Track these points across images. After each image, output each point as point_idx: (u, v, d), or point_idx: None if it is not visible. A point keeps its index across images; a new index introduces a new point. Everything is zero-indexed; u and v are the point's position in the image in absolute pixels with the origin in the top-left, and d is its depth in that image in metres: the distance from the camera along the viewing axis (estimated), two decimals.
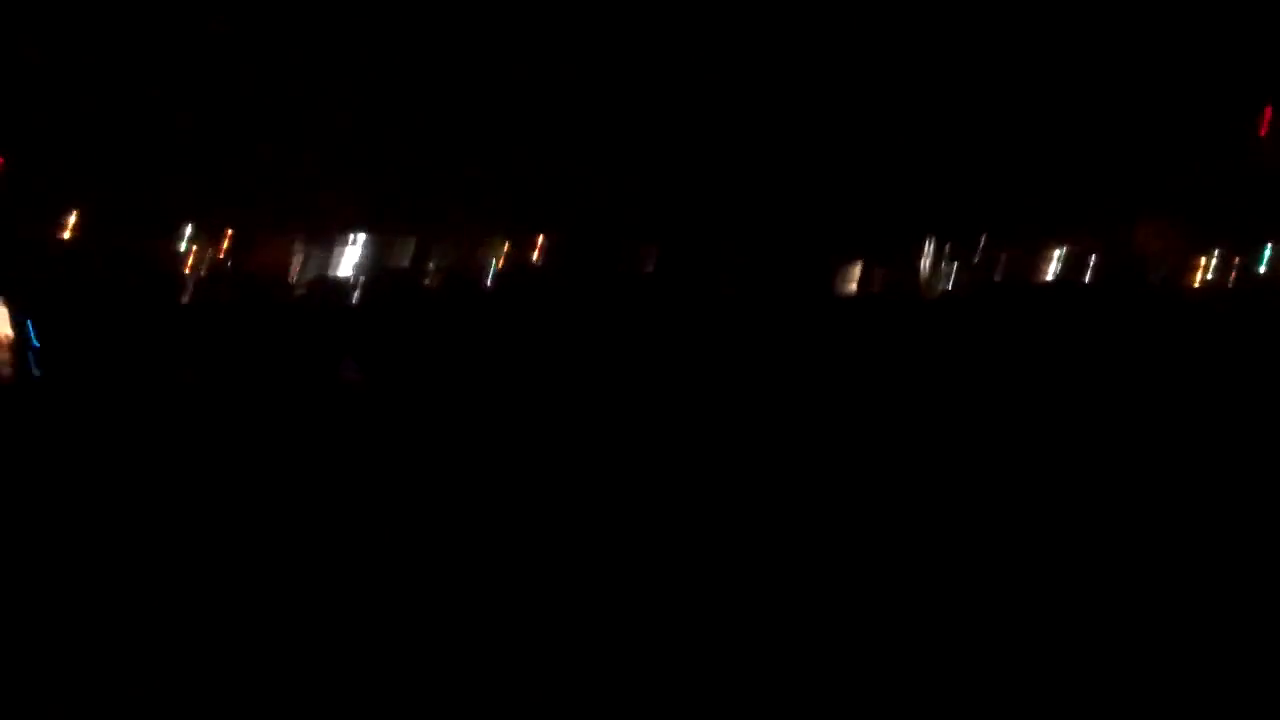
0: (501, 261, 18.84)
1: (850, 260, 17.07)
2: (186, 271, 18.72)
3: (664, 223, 17.95)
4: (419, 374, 13.88)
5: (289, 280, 18.22)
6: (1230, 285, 16.57)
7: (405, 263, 18.26)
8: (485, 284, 18.02)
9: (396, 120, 17.80)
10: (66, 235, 18.81)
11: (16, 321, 13.78)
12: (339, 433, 11.84)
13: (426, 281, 17.51)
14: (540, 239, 18.22)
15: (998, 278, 17.06)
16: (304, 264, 18.52)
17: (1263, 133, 14.51)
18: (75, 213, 18.53)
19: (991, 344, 14.02)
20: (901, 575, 7.58)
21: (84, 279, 18.33)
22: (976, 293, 16.40)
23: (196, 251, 18.80)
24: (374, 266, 17.96)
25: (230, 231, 18.20)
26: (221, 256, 18.46)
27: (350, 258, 18.19)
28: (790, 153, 16.90)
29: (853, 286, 16.98)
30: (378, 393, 13.84)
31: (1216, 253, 16.87)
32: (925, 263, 16.99)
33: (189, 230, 18.80)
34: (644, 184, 17.78)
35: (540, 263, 18.50)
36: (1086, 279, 16.78)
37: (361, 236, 18.12)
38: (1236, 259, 17.18)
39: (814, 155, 16.72)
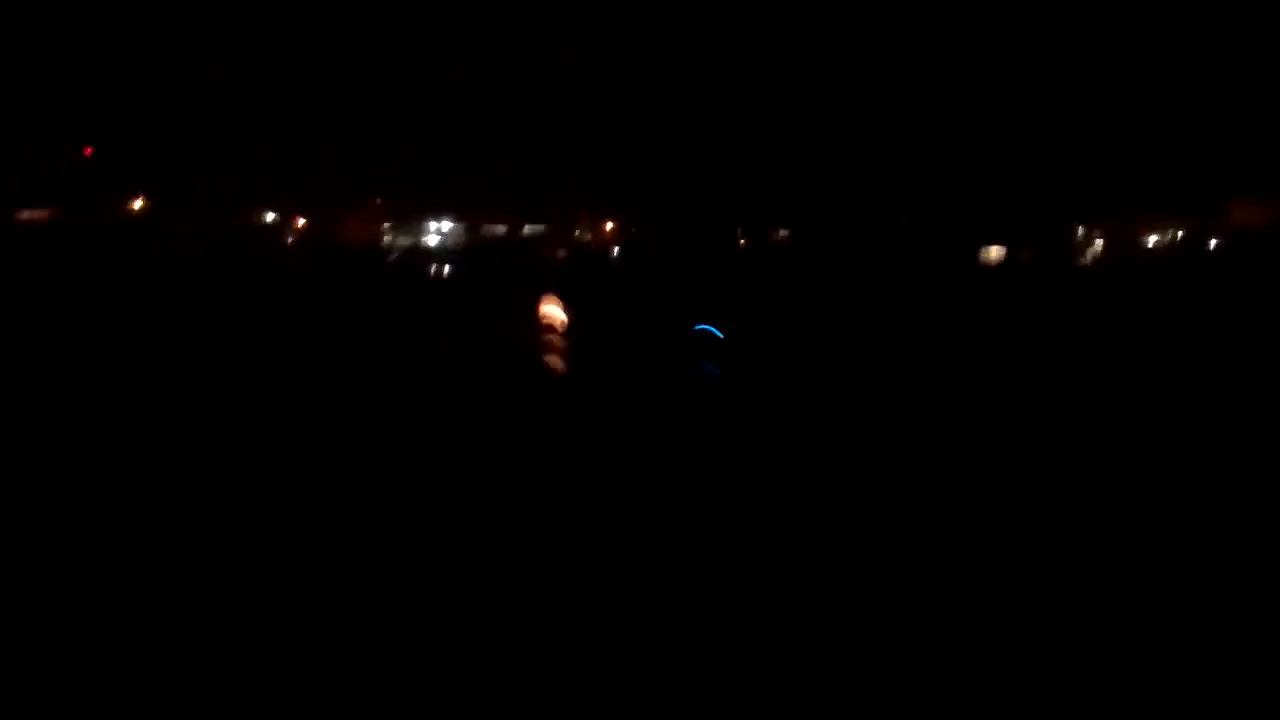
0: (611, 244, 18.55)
1: (986, 242, 16.81)
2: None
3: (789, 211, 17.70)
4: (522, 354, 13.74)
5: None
6: None
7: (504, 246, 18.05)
8: (610, 262, 17.75)
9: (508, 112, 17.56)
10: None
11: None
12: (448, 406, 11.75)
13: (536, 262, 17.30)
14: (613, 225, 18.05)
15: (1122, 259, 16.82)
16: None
17: None
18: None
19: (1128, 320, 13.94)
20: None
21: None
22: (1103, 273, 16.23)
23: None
24: (467, 251, 17.80)
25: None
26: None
27: (444, 242, 18.04)
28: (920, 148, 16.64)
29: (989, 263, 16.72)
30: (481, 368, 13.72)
31: None
32: (1061, 244, 16.73)
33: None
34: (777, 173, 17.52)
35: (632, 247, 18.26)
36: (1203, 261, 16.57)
37: (452, 223, 18.01)
38: None
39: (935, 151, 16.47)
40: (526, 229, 18.38)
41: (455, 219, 17.37)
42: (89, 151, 17.96)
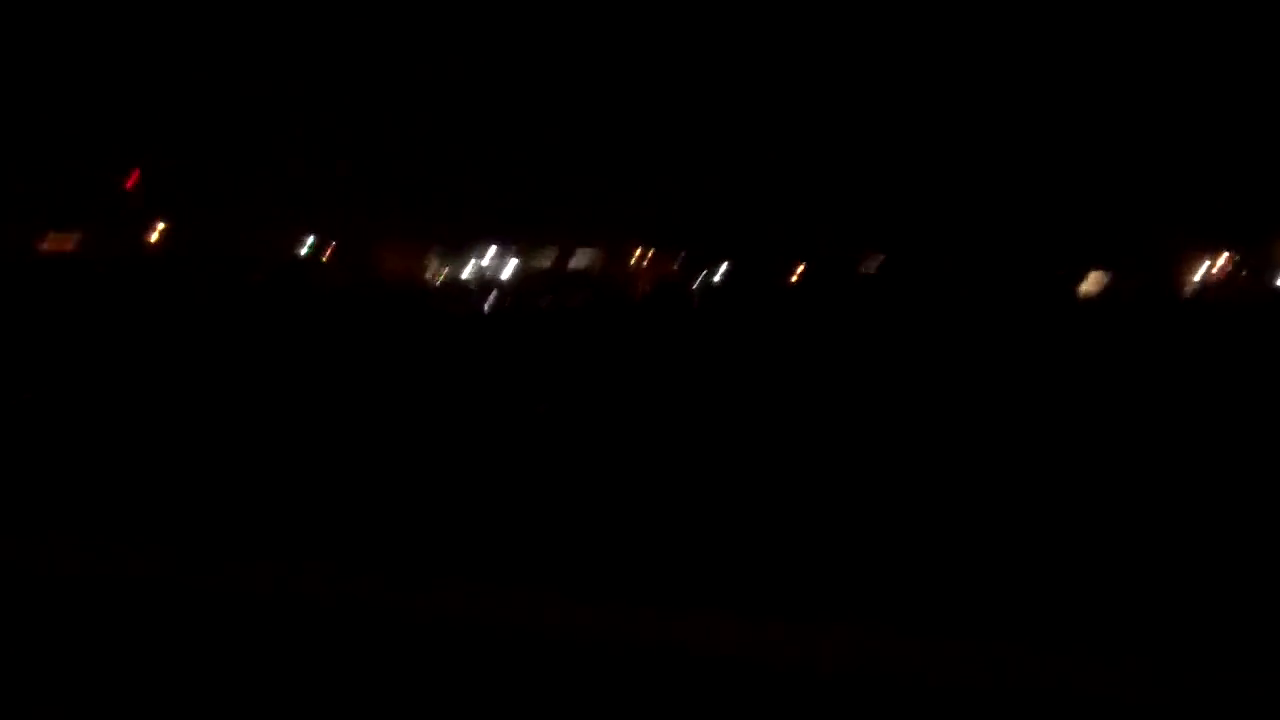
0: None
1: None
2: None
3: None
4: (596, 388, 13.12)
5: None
6: None
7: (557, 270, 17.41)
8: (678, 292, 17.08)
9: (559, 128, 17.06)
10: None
11: None
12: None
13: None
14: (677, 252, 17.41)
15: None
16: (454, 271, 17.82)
17: None
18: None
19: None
20: None
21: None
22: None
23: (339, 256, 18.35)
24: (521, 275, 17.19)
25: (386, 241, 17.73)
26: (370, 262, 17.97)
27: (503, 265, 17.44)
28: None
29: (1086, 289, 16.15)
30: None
31: None
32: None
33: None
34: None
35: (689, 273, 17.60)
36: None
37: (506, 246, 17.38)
38: None
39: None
40: (575, 257, 17.78)
41: (499, 246, 16.82)
42: (135, 177, 17.61)
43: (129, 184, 17.56)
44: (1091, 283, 15.66)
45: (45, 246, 16.75)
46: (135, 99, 16.16)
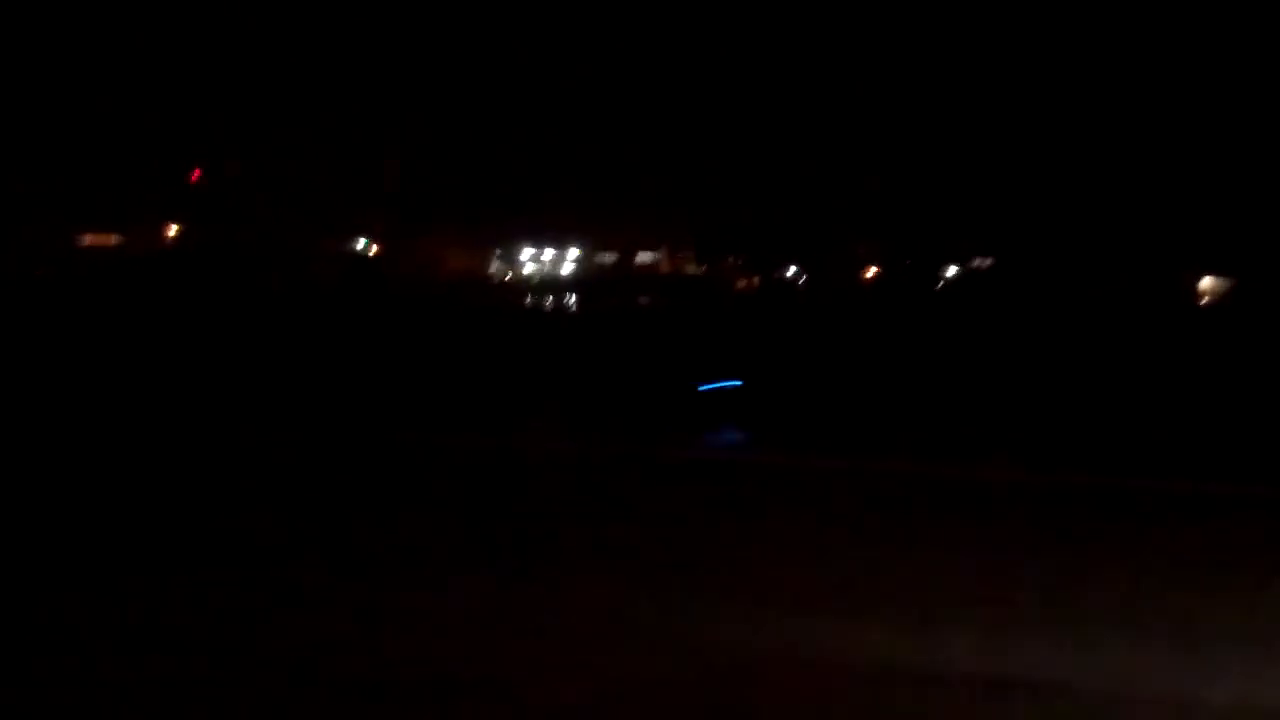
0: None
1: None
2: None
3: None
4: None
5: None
6: None
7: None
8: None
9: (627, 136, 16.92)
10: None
11: None
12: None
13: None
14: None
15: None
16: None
17: None
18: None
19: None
20: None
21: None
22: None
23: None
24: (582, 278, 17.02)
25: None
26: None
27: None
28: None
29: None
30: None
31: None
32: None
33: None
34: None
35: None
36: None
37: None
38: None
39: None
40: (640, 257, 17.63)
41: (561, 246, 16.65)
42: (197, 174, 17.69)
43: (195, 174, 17.74)
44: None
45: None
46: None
